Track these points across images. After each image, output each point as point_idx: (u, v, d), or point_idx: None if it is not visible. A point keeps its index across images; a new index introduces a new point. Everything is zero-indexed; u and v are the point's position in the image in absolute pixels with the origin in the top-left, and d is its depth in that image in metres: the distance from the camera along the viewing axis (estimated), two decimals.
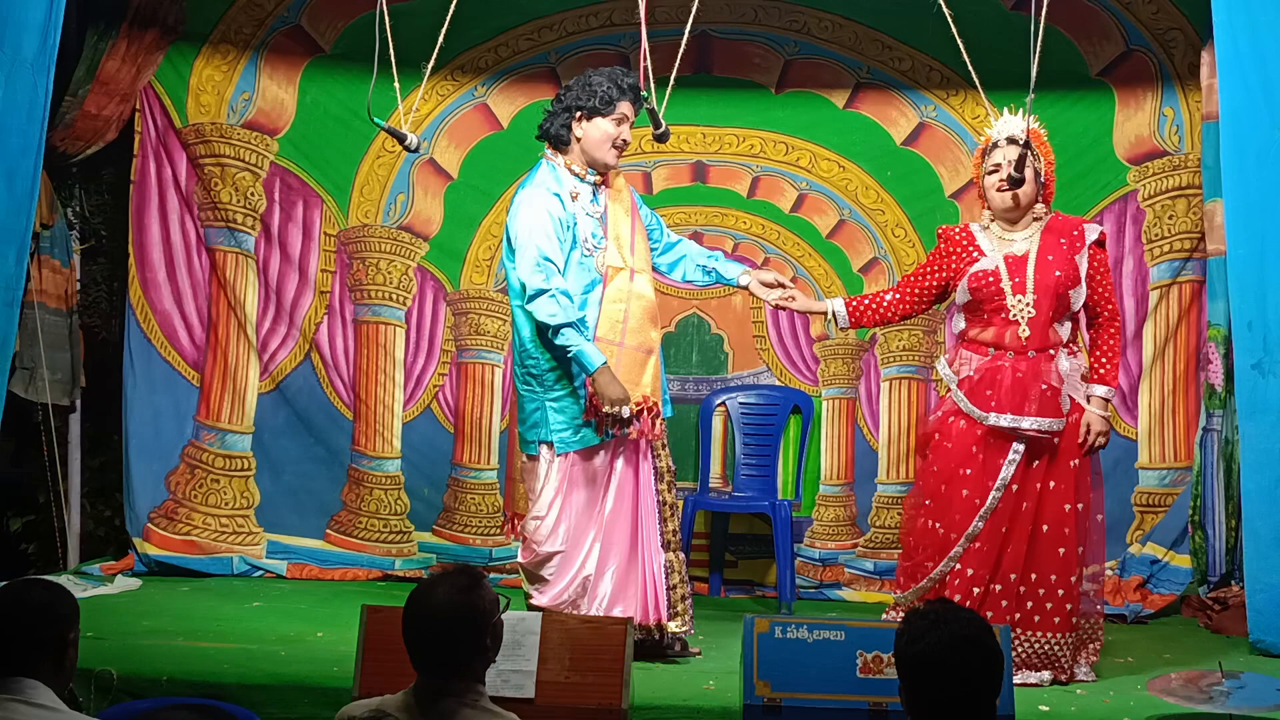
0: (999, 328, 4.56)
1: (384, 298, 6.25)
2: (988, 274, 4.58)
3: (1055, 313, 4.53)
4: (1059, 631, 4.51)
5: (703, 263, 4.93)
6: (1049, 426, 4.48)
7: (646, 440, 4.63)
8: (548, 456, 4.58)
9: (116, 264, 6.30)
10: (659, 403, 4.62)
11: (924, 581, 4.61)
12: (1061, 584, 4.50)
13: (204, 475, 6.21)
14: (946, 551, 4.54)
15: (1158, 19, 5.98)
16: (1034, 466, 4.51)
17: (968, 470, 4.55)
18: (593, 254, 4.59)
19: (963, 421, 4.58)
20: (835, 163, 6.18)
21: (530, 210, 4.55)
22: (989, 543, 4.50)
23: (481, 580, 2.96)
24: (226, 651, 4.68)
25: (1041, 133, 4.71)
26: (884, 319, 4.86)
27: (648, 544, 4.62)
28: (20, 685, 2.83)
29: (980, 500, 4.51)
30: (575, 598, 4.56)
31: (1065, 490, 4.51)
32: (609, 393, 4.44)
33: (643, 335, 4.60)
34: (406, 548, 6.20)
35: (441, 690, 2.85)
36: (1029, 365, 4.51)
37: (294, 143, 6.23)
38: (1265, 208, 4.98)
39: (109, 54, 5.92)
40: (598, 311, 4.56)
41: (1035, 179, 4.61)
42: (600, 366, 4.44)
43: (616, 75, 4.63)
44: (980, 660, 2.61)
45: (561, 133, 4.64)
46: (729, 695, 4.13)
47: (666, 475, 4.73)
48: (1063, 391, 4.50)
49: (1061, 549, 4.50)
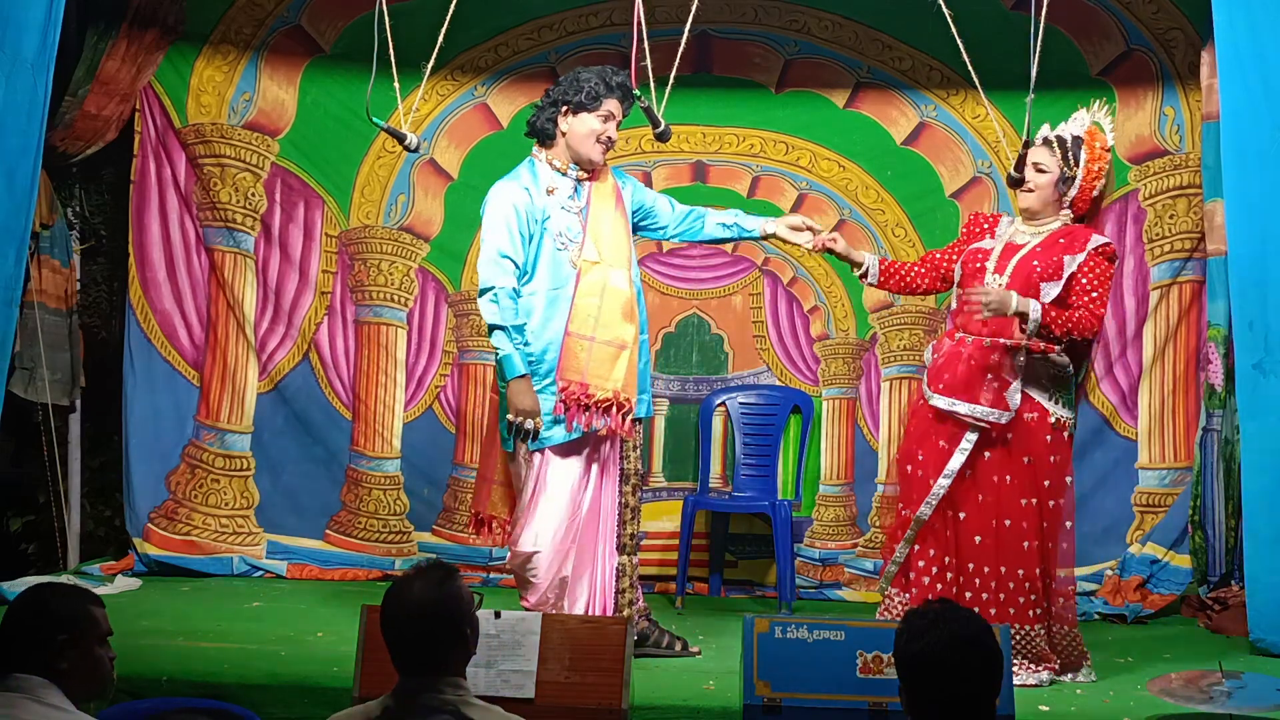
0: (971, 310, 4.53)
1: (385, 299, 6.25)
2: (981, 251, 4.63)
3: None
4: (1034, 624, 4.51)
5: (722, 220, 4.91)
6: (985, 416, 4.47)
7: (619, 440, 4.63)
8: (524, 454, 4.56)
9: (116, 264, 6.31)
10: (631, 399, 4.58)
11: (890, 565, 4.67)
12: (1028, 577, 4.50)
13: (204, 475, 6.21)
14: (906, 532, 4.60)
15: (1158, 19, 5.98)
16: (988, 459, 4.52)
17: (921, 453, 4.60)
18: (566, 248, 4.57)
19: (923, 404, 4.63)
20: (835, 162, 6.18)
21: (495, 204, 4.56)
22: (945, 525, 4.53)
23: (455, 574, 2.96)
24: (226, 651, 4.68)
25: (1105, 133, 4.64)
26: (906, 287, 4.86)
27: (604, 545, 4.63)
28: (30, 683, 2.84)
29: (933, 481, 4.53)
30: (555, 599, 4.55)
31: (1020, 485, 4.50)
32: (519, 403, 4.44)
33: (615, 330, 4.58)
34: (406, 548, 6.20)
35: (422, 688, 2.83)
36: (982, 354, 4.51)
37: (295, 143, 6.23)
38: (1265, 208, 4.98)
39: (109, 54, 5.93)
40: (570, 305, 4.54)
41: (1055, 184, 4.59)
42: (518, 376, 4.44)
43: (605, 73, 4.63)
44: (980, 660, 2.61)
45: (547, 127, 4.64)
46: (729, 695, 4.13)
47: (633, 478, 4.72)
48: (1013, 385, 4.48)
49: (1024, 542, 4.50)
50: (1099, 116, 4.68)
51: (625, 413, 4.57)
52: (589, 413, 4.51)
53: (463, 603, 2.92)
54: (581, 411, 4.51)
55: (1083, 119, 4.67)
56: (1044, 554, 4.54)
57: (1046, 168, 4.59)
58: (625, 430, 4.59)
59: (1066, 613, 4.64)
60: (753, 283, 6.21)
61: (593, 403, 4.52)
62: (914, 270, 4.85)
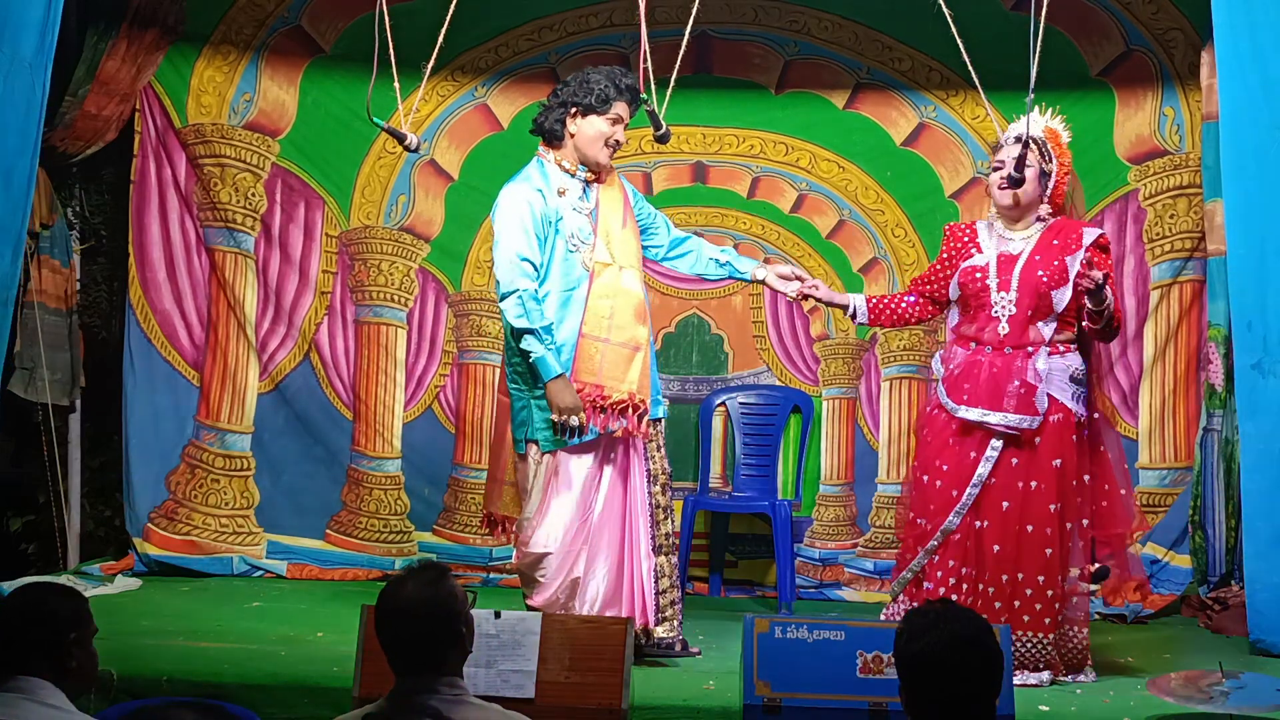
0: (982, 323, 4.58)
1: (386, 299, 6.26)
2: (977, 269, 4.61)
3: (1035, 312, 4.53)
4: (1049, 632, 4.50)
5: (715, 256, 4.91)
6: (1018, 423, 4.47)
7: (642, 441, 4.62)
8: (535, 456, 4.56)
9: (116, 264, 6.31)
10: (646, 400, 4.58)
11: (905, 573, 4.66)
12: (1050, 584, 4.49)
13: (204, 475, 6.21)
14: (925, 543, 4.58)
15: (1158, 19, 5.98)
16: (1014, 465, 4.51)
17: (944, 464, 4.58)
18: (578, 250, 4.56)
19: (942, 415, 4.61)
20: (835, 163, 6.18)
21: (510, 206, 4.54)
22: (968, 535, 4.52)
23: (448, 573, 2.97)
24: (226, 651, 4.68)
25: (1061, 134, 4.70)
26: (901, 321, 4.89)
27: (636, 547, 4.60)
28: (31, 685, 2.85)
29: (957, 493, 4.52)
30: (565, 600, 4.53)
31: (1047, 491, 4.50)
32: (560, 401, 4.43)
33: (629, 332, 4.58)
34: (406, 548, 6.20)
35: (418, 688, 2.83)
36: (1004, 361, 4.52)
37: (295, 144, 6.23)
38: (1265, 208, 4.98)
39: (109, 54, 5.93)
40: (583, 307, 4.53)
41: (1040, 180, 4.61)
42: (555, 376, 4.43)
43: (615, 75, 4.62)
44: (980, 660, 2.61)
45: (555, 128, 4.63)
46: (729, 695, 4.13)
47: (661, 477, 4.70)
48: (1039, 390, 4.48)
49: (1047, 549, 4.49)
50: (1052, 122, 4.70)
51: (640, 414, 4.56)
52: (605, 415, 4.51)
53: (456, 601, 2.92)
54: (597, 414, 4.50)
55: (1037, 120, 4.67)
56: (1064, 560, 4.54)
57: (1030, 164, 4.60)
58: (641, 432, 4.58)
59: (1078, 612, 4.63)
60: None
61: (608, 404, 4.50)
62: (904, 303, 4.85)
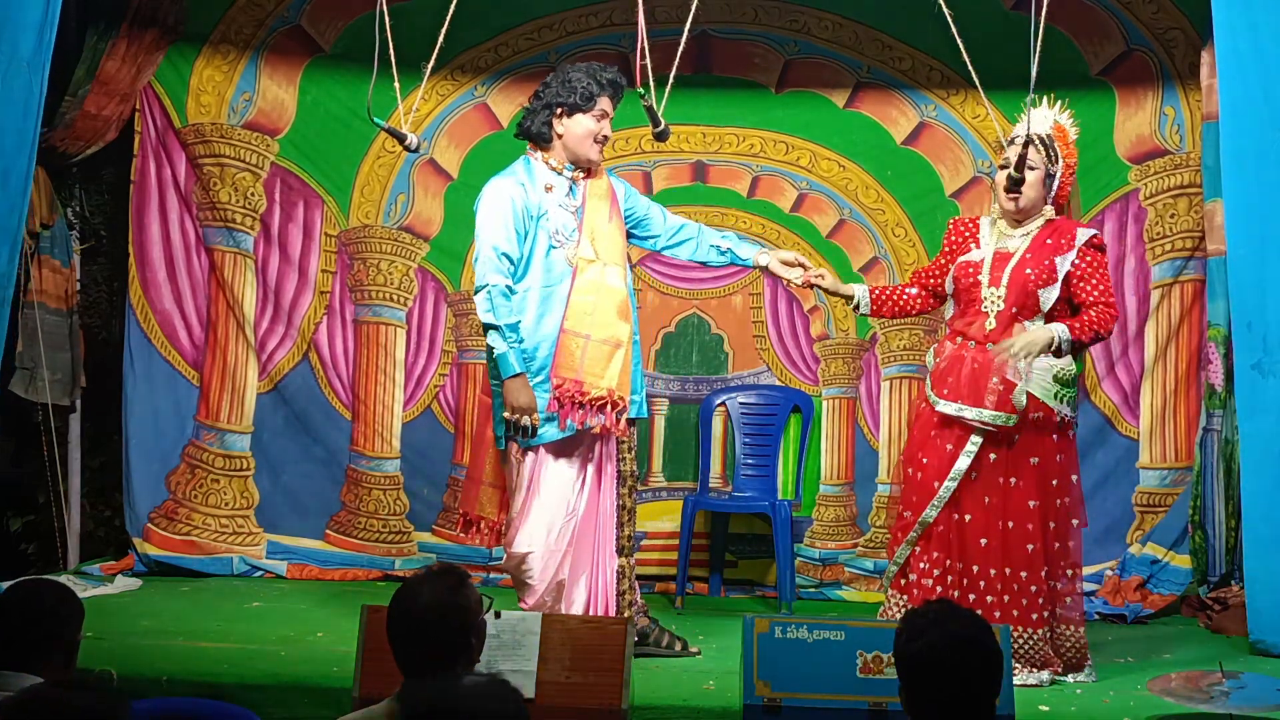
0: (971, 318, 4.61)
1: (385, 298, 6.25)
2: (972, 264, 4.63)
3: (1022, 309, 4.54)
4: (1039, 627, 4.50)
5: (716, 243, 4.89)
6: (993, 420, 4.47)
7: (615, 441, 4.62)
8: (516, 454, 4.55)
9: (116, 264, 6.31)
10: (625, 398, 4.57)
11: (890, 565, 4.68)
12: (1033, 580, 4.50)
13: (204, 475, 6.21)
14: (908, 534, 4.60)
15: (1158, 19, 5.98)
16: (994, 461, 4.52)
17: (925, 457, 4.60)
18: (562, 246, 4.56)
19: (928, 408, 4.63)
20: (835, 162, 6.18)
21: (492, 200, 4.55)
22: (950, 528, 4.53)
23: (467, 579, 2.97)
24: (226, 651, 4.68)
25: (1070, 131, 4.69)
26: (902, 312, 4.89)
27: (603, 548, 4.61)
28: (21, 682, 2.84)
29: (938, 485, 4.53)
30: (553, 603, 4.53)
31: (1027, 487, 4.51)
32: (515, 400, 4.43)
33: (611, 329, 4.57)
34: (406, 548, 6.20)
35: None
36: (985, 357, 4.52)
37: (295, 143, 6.23)
38: (1265, 208, 4.97)
39: (109, 54, 5.92)
40: (565, 303, 4.53)
41: (1043, 181, 4.60)
42: (515, 374, 4.43)
43: (595, 70, 4.62)
44: (980, 660, 2.61)
45: (543, 130, 4.63)
46: (729, 695, 4.13)
47: (629, 479, 4.70)
48: (1019, 388, 4.48)
49: (1029, 545, 4.50)
50: (1060, 117, 4.70)
51: (619, 411, 4.55)
52: (583, 410, 4.50)
53: (471, 613, 2.92)
54: (575, 409, 4.49)
55: (1045, 115, 4.67)
56: (1049, 556, 4.54)
57: (1034, 165, 4.60)
58: (619, 429, 4.58)
59: (1073, 612, 4.63)
60: (753, 283, 6.20)
61: (587, 400, 4.50)
62: (906, 294, 4.86)
